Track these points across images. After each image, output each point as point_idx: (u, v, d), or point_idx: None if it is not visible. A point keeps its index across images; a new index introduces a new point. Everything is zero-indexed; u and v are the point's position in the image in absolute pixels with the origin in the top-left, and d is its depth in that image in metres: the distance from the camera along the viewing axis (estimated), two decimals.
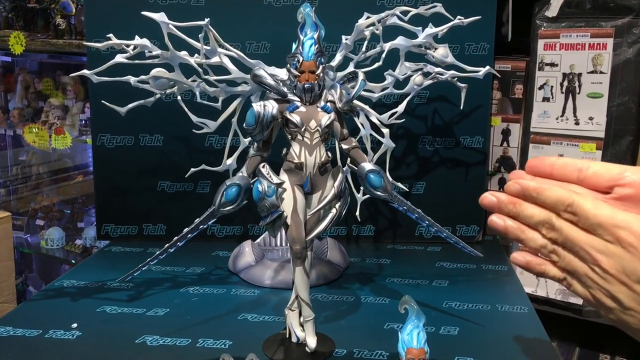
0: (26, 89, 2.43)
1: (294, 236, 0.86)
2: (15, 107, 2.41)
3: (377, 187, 0.88)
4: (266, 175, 0.84)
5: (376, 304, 1.10)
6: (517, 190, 0.54)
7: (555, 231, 0.52)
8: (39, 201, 2.56)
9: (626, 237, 0.47)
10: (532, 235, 0.54)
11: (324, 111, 0.85)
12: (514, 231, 0.54)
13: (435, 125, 1.39)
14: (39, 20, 2.20)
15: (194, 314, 1.04)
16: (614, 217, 0.48)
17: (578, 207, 0.50)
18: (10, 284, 2.24)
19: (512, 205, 0.54)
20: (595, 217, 0.49)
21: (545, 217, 0.52)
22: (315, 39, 0.84)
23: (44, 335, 0.96)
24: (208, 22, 1.03)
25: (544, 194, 0.52)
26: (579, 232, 0.51)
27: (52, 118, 2.24)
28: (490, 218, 0.55)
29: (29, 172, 2.71)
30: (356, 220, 1.28)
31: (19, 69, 2.48)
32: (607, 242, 0.49)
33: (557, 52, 1.34)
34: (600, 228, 0.49)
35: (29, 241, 2.51)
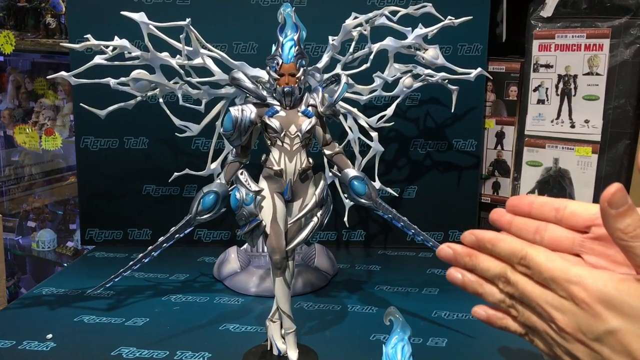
0: (17, 89, 2.39)
1: (274, 246, 0.83)
2: (6, 107, 2.38)
3: (361, 194, 0.84)
4: (244, 183, 0.80)
5: (363, 313, 1.07)
6: (473, 241, 0.52)
7: (511, 285, 0.50)
8: (31, 202, 2.53)
9: (578, 293, 0.44)
10: (490, 290, 0.52)
11: (305, 116, 0.82)
12: (472, 285, 0.52)
13: (427, 127, 1.36)
14: (29, 19, 2.17)
15: (174, 324, 1.01)
16: (566, 272, 0.45)
17: (531, 259, 0.48)
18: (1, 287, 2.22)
19: (469, 257, 0.52)
20: (548, 270, 0.46)
21: (500, 270, 0.50)
22: (296, 40, 0.81)
23: (17, 346, 0.93)
24: (189, 22, 1.00)
25: (498, 245, 0.50)
26: (534, 286, 0.48)
27: (42, 119, 2.21)
28: (449, 271, 0.53)
29: (21, 173, 2.68)
30: (346, 225, 1.25)
31: (10, 69, 2.45)
32: (561, 297, 0.46)
33: (552, 53, 1.31)
34: (554, 283, 0.46)
35: (20, 243, 2.48)
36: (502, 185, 1.44)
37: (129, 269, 0.88)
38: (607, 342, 0.43)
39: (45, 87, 2.47)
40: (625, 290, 0.43)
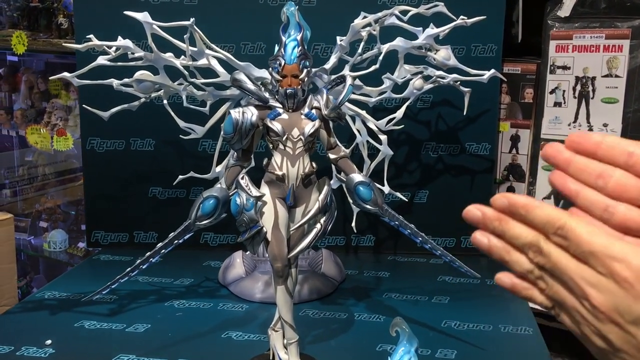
0: (30, 89, 2.40)
1: (275, 253, 0.80)
2: (19, 107, 2.38)
3: (366, 200, 0.81)
4: (245, 188, 0.78)
5: (370, 322, 1.04)
6: (504, 205, 0.47)
7: (543, 256, 0.45)
8: (43, 203, 2.53)
9: (621, 270, 0.40)
10: (518, 258, 0.47)
11: (308, 118, 0.79)
12: (499, 251, 0.47)
13: (439, 130, 1.32)
14: (42, 19, 2.16)
15: (176, 331, 0.99)
16: (609, 247, 0.41)
17: (570, 230, 0.43)
18: (12, 287, 2.22)
19: (498, 222, 0.47)
20: (589, 244, 0.42)
21: (532, 239, 0.45)
22: (299, 40, 0.78)
23: (15, 352, 0.91)
24: (193, 22, 0.97)
25: (533, 212, 0.45)
26: (569, 260, 0.43)
27: (54, 119, 2.21)
28: (474, 234, 0.48)
29: (34, 173, 2.69)
30: (354, 230, 1.22)
31: (23, 69, 2.45)
32: (599, 274, 0.42)
33: (569, 54, 1.26)
34: (593, 257, 0.42)
35: (32, 243, 2.48)
36: (517, 190, 1.40)
37: (126, 276, 0.86)
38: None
39: (60, 87, 2.47)
40: None
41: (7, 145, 2.56)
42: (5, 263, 2.15)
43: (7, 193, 2.60)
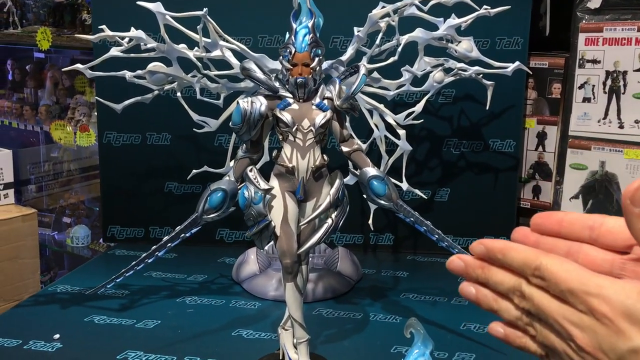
0: (55, 86, 2.41)
1: (284, 248, 0.77)
2: (44, 103, 2.40)
3: (380, 195, 0.78)
4: (253, 180, 0.75)
5: (386, 323, 1.00)
6: (482, 252, 0.46)
7: (527, 300, 0.43)
8: (67, 198, 2.54)
9: (598, 306, 0.39)
10: (506, 306, 0.45)
11: (319, 109, 0.76)
12: (487, 300, 0.46)
13: (462, 126, 1.28)
14: (66, 16, 2.18)
15: (186, 328, 0.97)
16: (585, 283, 0.40)
17: (546, 270, 0.42)
18: (35, 281, 2.23)
19: (481, 269, 0.46)
20: (565, 282, 0.40)
21: (514, 283, 0.44)
22: (310, 27, 0.75)
23: (23, 345, 0.90)
24: (206, 12, 0.95)
25: (509, 255, 0.44)
26: (550, 301, 0.42)
27: (78, 115, 2.22)
28: (461, 286, 0.48)
29: (59, 169, 2.71)
30: (371, 228, 1.18)
31: (49, 66, 2.47)
32: (580, 312, 0.40)
33: (599, 48, 1.21)
34: (572, 295, 0.40)
35: (55, 239, 2.50)
36: (543, 190, 1.34)
37: (131, 269, 0.84)
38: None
39: (86, 84, 2.48)
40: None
41: (32, 141, 2.59)
42: (29, 257, 2.16)
43: (32, 188, 2.62)
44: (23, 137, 2.59)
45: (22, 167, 2.46)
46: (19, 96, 2.56)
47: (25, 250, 2.06)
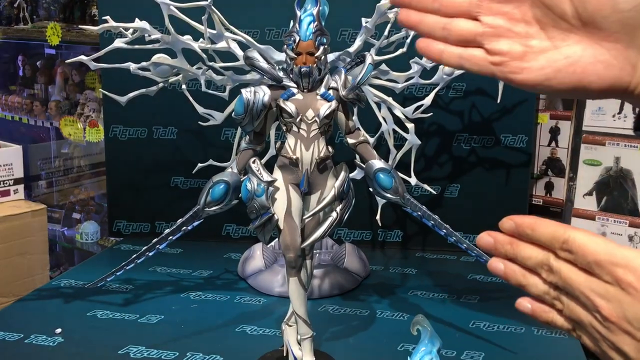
0: (65, 81, 2.41)
1: (287, 242, 0.75)
2: (54, 99, 2.40)
3: (387, 188, 0.76)
4: (256, 172, 0.73)
5: (393, 320, 0.98)
6: (512, 227, 0.47)
7: (554, 274, 0.45)
8: (77, 194, 2.55)
9: (624, 276, 0.40)
10: (534, 281, 0.47)
11: (324, 99, 0.74)
12: (515, 276, 0.47)
13: (473, 121, 1.25)
14: (76, 11, 2.18)
15: (189, 323, 0.95)
16: (613, 254, 0.41)
17: (574, 243, 0.43)
18: (44, 276, 2.23)
19: (510, 245, 0.47)
20: (593, 254, 0.42)
21: (543, 258, 0.45)
22: (315, 15, 0.73)
23: (24, 340, 0.89)
24: (211, 2, 0.93)
25: (538, 230, 0.45)
26: (578, 273, 0.43)
27: (87, 110, 2.21)
28: (490, 262, 0.49)
29: (70, 165, 2.71)
30: (382, 224, 1.15)
31: (59, 61, 2.47)
32: (607, 283, 0.41)
33: None
34: (599, 267, 0.42)
35: (65, 234, 2.50)
36: (555, 186, 1.32)
37: (131, 262, 0.83)
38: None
39: (96, 79, 2.48)
40: None
41: (42, 137, 2.59)
42: (38, 253, 2.16)
43: (43, 184, 2.62)
44: (33, 133, 2.59)
45: (32, 162, 2.46)
46: (30, 92, 2.56)
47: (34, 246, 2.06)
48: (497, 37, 0.48)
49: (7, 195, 1.83)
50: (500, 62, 0.48)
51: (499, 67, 0.48)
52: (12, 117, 2.56)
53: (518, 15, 0.47)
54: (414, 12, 0.50)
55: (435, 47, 0.51)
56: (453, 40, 0.50)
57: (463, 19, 0.49)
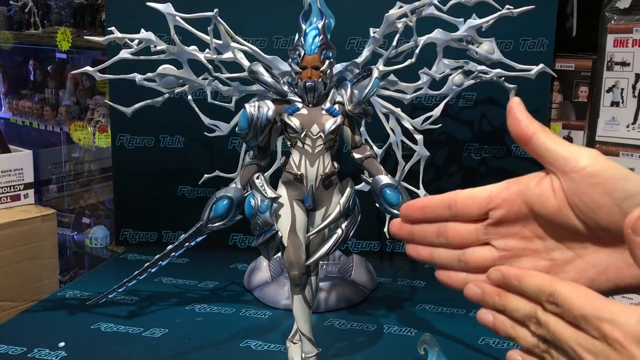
0: (76, 86, 2.42)
1: (292, 260, 0.74)
2: (65, 104, 2.41)
3: (393, 204, 0.74)
4: (260, 188, 0.72)
5: (400, 335, 0.96)
6: (499, 278, 0.46)
7: (542, 327, 0.43)
8: (86, 199, 2.55)
9: (610, 332, 0.39)
10: (523, 333, 0.45)
11: (330, 114, 0.73)
12: (504, 328, 0.46)
13: (483, 131, 1.23)
14: (86, 16, 2.18)
15: (193, 337, 0.94)
16: (599, 309, 0.40)
17: (560, 296, 0.42)
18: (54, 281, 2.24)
19: (497, 297, 0.46)
20: (579, 308, 0.41)
21: (530, 310, 0.44)
22: (320, 28, 0.72)
23: (27, 353, 0.88)
24: (217, 12, 0.92)
25: (524, 281, 0.44)
26: (565, 327, 0.42)
27: (97, 116, 2.21)
28: (479, 313, 0.48)
29: (80, 169, 2.72)
30: (390, 235, 1.13)
31: (70, 66, 2.48)
32: (594, 338, 0.40)
33: (629, 50, 1.15)
34: (585, 321, 0.40)
35: (75, 239, 2.50)
36: None
37: (134, 279, 0.82)
38: None
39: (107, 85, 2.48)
40: None
41: (53, 141, 2.60)
42: (48, 258, 2.16)
43: (53, 188, 2.63)
44: (44, 138, 2.60)
45: (43, 167, 2.47)
46: (41, 96, 2.57)
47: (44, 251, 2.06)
48: (516, 257, 0.47)
49: (18, 199, 1.83)
50: None
51: None
52: (23, 121, 2.57)
53: (529, 233, 0.46)
54: (421, 247, 0.50)
55: (457, 278, 0.50)
56: (472, 270, 0.49)
57: (476, 248, 0.48)
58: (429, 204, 0.50)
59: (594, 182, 0.43)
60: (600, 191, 0.42)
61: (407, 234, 0.51)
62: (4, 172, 1.76)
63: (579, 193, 0.43)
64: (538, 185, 0.46)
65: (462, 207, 0.49)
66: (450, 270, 0.50)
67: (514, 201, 0.47)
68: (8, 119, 2.66)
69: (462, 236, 0.48)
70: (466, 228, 0.49)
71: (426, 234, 0.50)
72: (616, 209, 0.42)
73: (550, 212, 0.45)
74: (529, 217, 0.46)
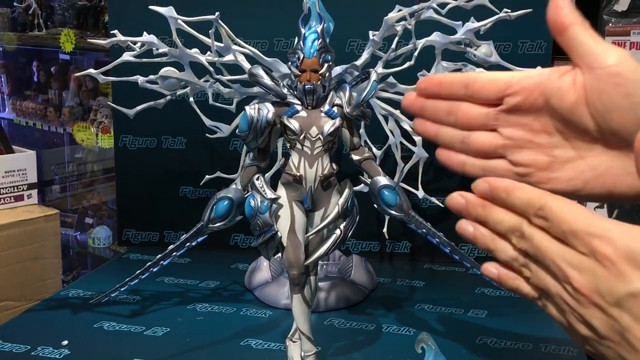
0: (79, 87, 2.44)
1: (291, 260, 0.75)
2: (68, 105, 2.42)
3: (391, 205, 0.75)
4: (259, 189, 0.73)
5: (399, 335, 0.98)
6: (486, 190, 0.45)
7: (526, 240, 0.43)
8: (89, 199, 2.57)
9: (601, 247, 0.38)
10: (503, 246, 0.45)
11: (328, 116, 0.74)
12: (484, 239, 0.46)
13: None
14: (90, 18, 2.20)
15: (194, 336, 0.95)
16: (591, 224, 0.39)
17: (550, 210, 0.41)
18: (57, 281, 2.25)
19: (481, 208, 0.46)
20: (569, 222, 0.40)
21: (515, 223, 0.44)
22: (319, 32, 0.73)
23: (31, 352, 0.90)
24: (218, 16, 0.94)
25: (513, 194, 0.44)
26: (551, 242, 0.41)
27: (100, 116, 2.23)
28: (459, 223, 0.47)
29: (83, 170, 2.74)
30: (390, 236, 1.15)
31: (73, 67, 2.49)
32: (581, 254, 0.39)
33: None
34: (574, 236, 0.40)
35: (78, 239, 2.52)
36: None
37: (135, 278, 0.83)
38: (629, 308, 0.38)
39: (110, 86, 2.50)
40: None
41: (56, 142, 2.62)
42: (51, 258, 2.18)
43: (56, 189, 2.65)
44: (47, 138, 2.62)
45: (46, 167, 2.48)
46: (44, 97, 2.59)
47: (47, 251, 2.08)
48: (518, 148, 0.47)
49: (21, 200, 1.85)
50: (525, 173, 0.47)
51: (524, 178, 0.47)
52: (26, 122, 2.59)
53: (538, 126, 0.46)
54: (429, 124, 0.50)
55: (456, 159, 0.51)
56: (473, 153, 0.49)
57: (481, 132, 0.48)
58: (447, 79, 0.50)
59: (616, 82, 0.42)
60: (621, 92, 0.42)
61: (418, 108, 0.51)
62: (8, 172, 1.77)
63: (599, 91, 0.43)
64: (560, 78, 0.45)
65: (480, 88, 0.48)
66: (451, 151, 0.50)
67: (532, 91, 0.46)
68: (12, 120, 2.68)
69: (471, 117, 0.48)
70: (478, 110, 0.48)
71: (437, 110, 0.50)
72: (632, 113, 0.41)
73: (566, 106, 0.44)
74: (542, 110, 0.46)
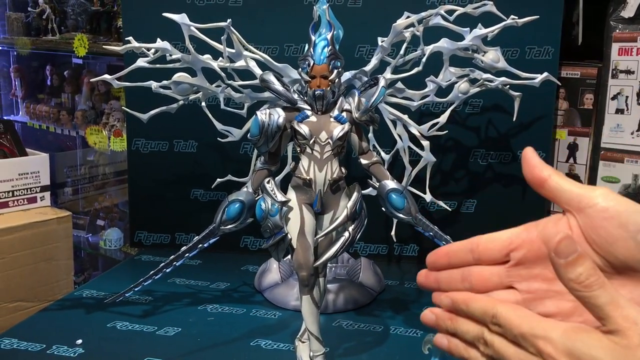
0: (92, 91, 2.47)
1: (300, 261, 0.77)
2: (81, 108, 2.45)
3: (399, 208, 0.77)
4: (270, 192, 0.75)
5: (406, 336, 0.99)
6: (449, 304, 0.49)
7: (489, 347, 0.46)
8: (101, 201, 2.59)
9: (544, 347, 0.41)
10: (474, 354, 0.48)
11: (338, 121, 0.76)
12: (458, 350, 0.49)
13: (489, 137, 1.26)
14: (103, 23, 2.23)
15: (205, 336, 0.97)
16: (534, 326, 0.42)
17: (501, 317, 0.44)
18: (69, 282, 2.28)
19: (450, 320, 0.49)
20: (518, 327, 0.43)
21: (478, 332, 0.47)
22: (329, 39, 0.75)
23: (46, 350, 0.92)
24: (230, 23, 0.96)
25: (470, 305, 0.47)
26: (508, 346, 0.44)
27: (112, 120, 2.26)
28: (435, 337, 0.51)
29: (95, 172, 2.77)
30: (398, 239, 1.16)
31: (86, 71, 2.52)
32: (532, 355, 0.42)
33: (633, 58, 1.17)
34: (523, 339, 0.43)
35: (89, 241, 2.55)
36: None
37: (149, 279, 0.85)
38: None
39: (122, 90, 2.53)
40: (592, 342, 0.40)
41: (69, 145, 2.65)
42: (63, 259, 2.21)
43: (69, 191, 2.68)
44: (60, 141, 2.65)
45: (59, 170, 2.51)
46: (57, 101, 2.62)
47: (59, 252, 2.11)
48: (539, 300, 0.48)
49: (34, 202, 1.87)
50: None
51: None
52: (40, 125, 2.62)
53: (551, 275, 0.46)
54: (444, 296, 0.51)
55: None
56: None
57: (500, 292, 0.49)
58: (453, 249, 0.51)
59: (607, 216, 0.44)
60: (615, 224, 0.43)
61: (433, 282, 0.52)
62: (21, 174, 1.80)
63: (595, 227, 0.44)
64: (555, 225, 0.47)
65: (483, 250, 0.50)
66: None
67: (534, 241, 0.48)
68: (25, 123, 2.71)
69: (485, 279, 0.50)
70: (489, 271, 0.50)
71: (452, 280, 0.51)
72: (632, 242, 0.43)
73: None
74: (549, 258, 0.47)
